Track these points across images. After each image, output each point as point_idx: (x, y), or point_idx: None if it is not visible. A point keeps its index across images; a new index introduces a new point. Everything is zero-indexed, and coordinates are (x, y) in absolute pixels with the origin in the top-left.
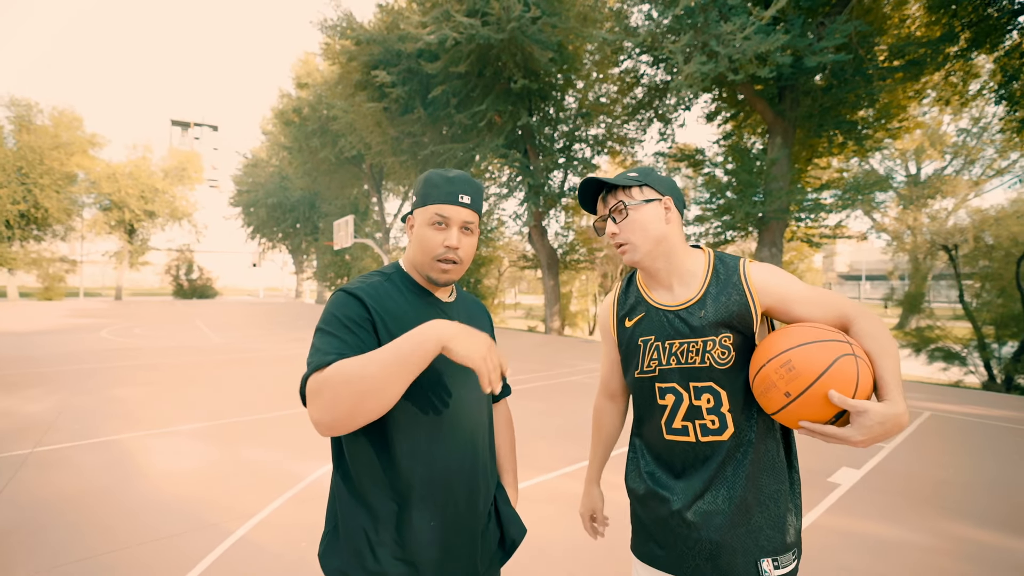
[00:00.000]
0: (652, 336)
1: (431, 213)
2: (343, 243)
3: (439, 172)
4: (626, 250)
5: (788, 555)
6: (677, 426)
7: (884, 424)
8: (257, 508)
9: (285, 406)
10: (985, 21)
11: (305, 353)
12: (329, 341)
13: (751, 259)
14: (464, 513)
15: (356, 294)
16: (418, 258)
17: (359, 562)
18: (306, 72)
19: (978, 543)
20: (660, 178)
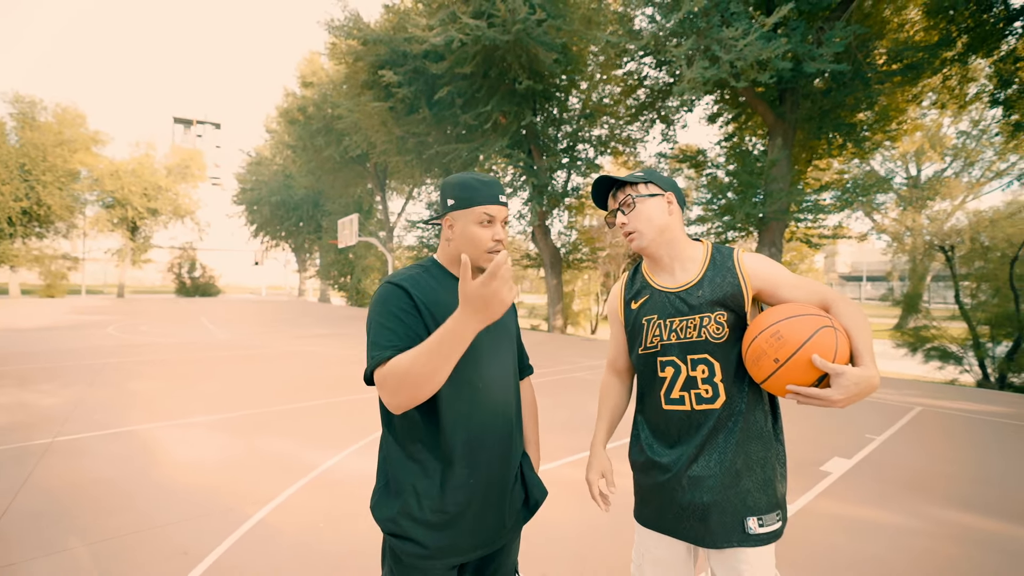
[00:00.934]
0: (655, 315)
1: (479, 213)
2: (347, 241)
3: (472, 176)
4: (634, 238)
5: (772, 515)
6: (675, 396)
7: (859, 384)
8: (273, 494)
9: (295, 399)
10: (981, 27)
11: (312, 350)
12: (385, 335)
13: (744, 249)
14: (497, 472)
15: (402, 285)
16: (469, 253)
17: (407, 511)
18: (311, 71)
19: (962, 526)
20: (662, 177)
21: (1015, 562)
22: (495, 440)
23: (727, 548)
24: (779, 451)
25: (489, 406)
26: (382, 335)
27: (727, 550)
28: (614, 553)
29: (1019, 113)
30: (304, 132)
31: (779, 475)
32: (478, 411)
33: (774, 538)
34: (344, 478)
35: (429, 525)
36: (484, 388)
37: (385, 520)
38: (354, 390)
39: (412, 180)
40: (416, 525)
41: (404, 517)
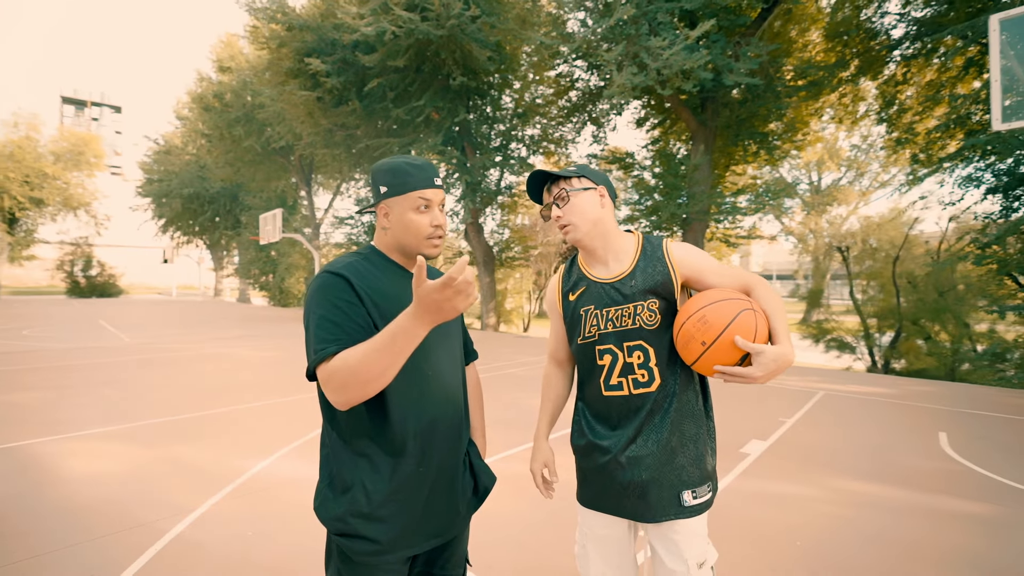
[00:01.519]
0: (592, 305)
1: (414, 199)
2: (270, 238)
3: (404, 160)
4: (569, 230)
5: (704, 487)
6: (613, 382)
7: (777, 361)
8: (192, 506)
9: (214, 404)
10: (869, 52)
11: (231, 352)
12: (328, 328)
13: (672, 239)
14: (447, 460)
15: (342, 274)
16: (408, 240)
17: (355, 508)
18: (229, 55)
19: (859, 492)
20: (595, 171)
21: (899, 518)
22: (445, 428)
23: (664, 521)
24: (709, 427)
25: (438, 393)
26: (325, 328)
27: (664, 523)
28: (557, 539)
29: (899, 130)
30: (221, 120)
31: (709, 450)
32: (427, 399)
33: (706, 508)
34: (274, 483)
35: (380, 520)
36: (433, 376)
37: (332, 520)
38: (281, 392)
39: (340, 175)
40: (366, 522)
41: (353, 515)
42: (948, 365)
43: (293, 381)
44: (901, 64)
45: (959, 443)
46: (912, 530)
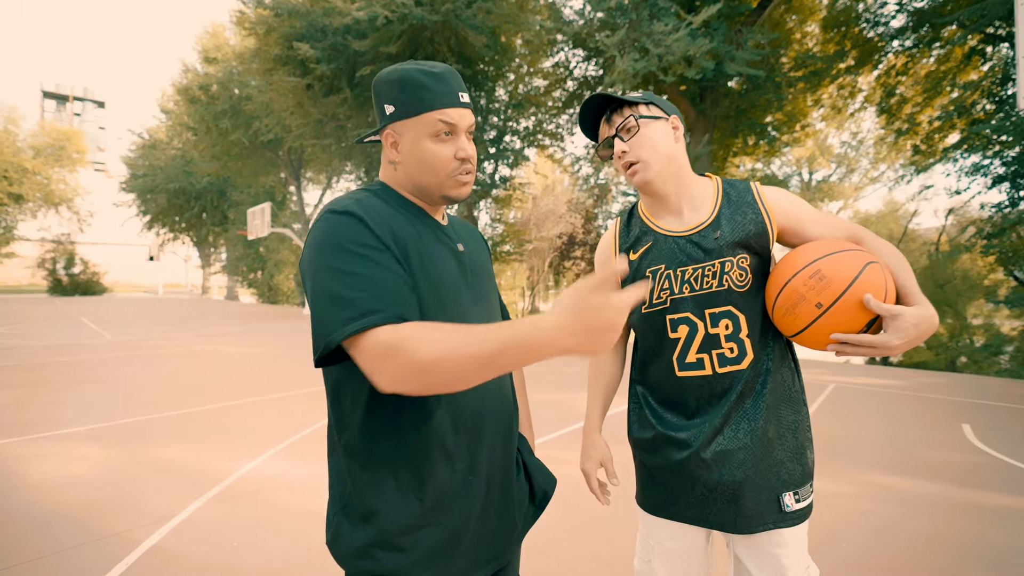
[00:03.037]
0: (662, 265)
1: (432, 122)
2: (258, 232)
3: (416, 67)
4: (637, 169)
5: (807, 487)
6: (691, 360)
7: (919, 326)
8: (173, 511)
9: (199, 402)
10: (868, 43)
11: (218, 349)
12: (347, 282)
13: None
14: (498, 461)
15: (352, 212)
16: (427, 179)
17: (384, 538)
18: (215, 46)
19: (875, 484)
20: (664, 101)
21: (936, 514)
22: (493, 421)
23: (761, 532)
24: (806, 414)
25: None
26: (355, 286)
27: (761, 534)
28: (602, 545)
29: (900, 120)
30: (207, 113)
31: (809, 441)
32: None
33: (808, 513)
34: (262, 486)
35: (419, 550)
36: None
37: (352, 557)
38: (270, 389)
39: (330, 168)
40: (400, 554)
41: (381, 547)
42: (948, 358)
43: (283, 378)
44: (902, 55)
45: (984, 434)
46: (955, 526)
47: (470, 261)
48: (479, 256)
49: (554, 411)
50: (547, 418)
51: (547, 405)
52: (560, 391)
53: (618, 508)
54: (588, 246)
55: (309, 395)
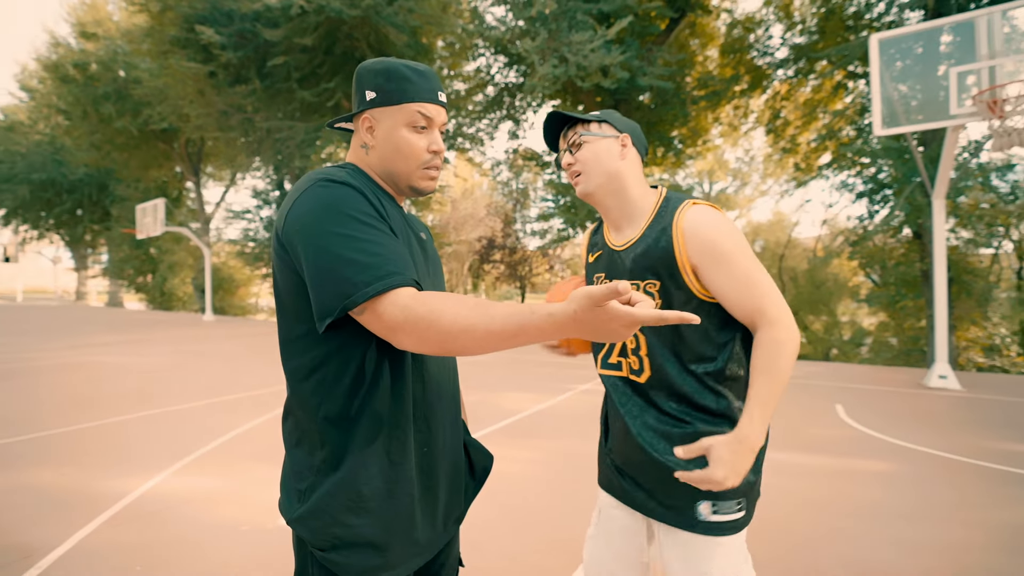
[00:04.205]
0: (603, 273)
1: (411, 113)
2: (149, 231)
3: (402, 63)
4: (579, 181)
5: (730, 503)
6: (612, 361)
7: (736, 452)
8: (57, 540)
9: (86, 418)
10: (758, 70)
11: (100, 360)
12: (360, 246)
13: (700, 202)
14: (450, 437)
15: (352, 184)
16: (398, 166)
17: (357, 502)
18: (94, 19)
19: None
20: (621, 118)
21: (796, 479)
22: (448, 402)
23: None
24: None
25: (440, 358)
26: (370, 251)
27: (681, 533)
28: (538, 536)
29: (783, 141)
30: (84, 95)
31: None
32: (431, 362)
33: (734, 529)
34: (167, 505)
35: (388, 517)
36: None
37: (321, 527)
38: (167, 401)
39: (234, 164)
40: (371, 519)
41: (357, 513)
42: (823, 350)
43: (182, 389)
44: (785, 82)
45: (854, 412)
46: (836, 490)
47: (430, 250)
48: (433, 248)
49: (476, 411)
50: (471, 418)
51: (470, 406)
52: (481, 391)
53: (549, 501)
54: (507, 249)
55: (212, 407)
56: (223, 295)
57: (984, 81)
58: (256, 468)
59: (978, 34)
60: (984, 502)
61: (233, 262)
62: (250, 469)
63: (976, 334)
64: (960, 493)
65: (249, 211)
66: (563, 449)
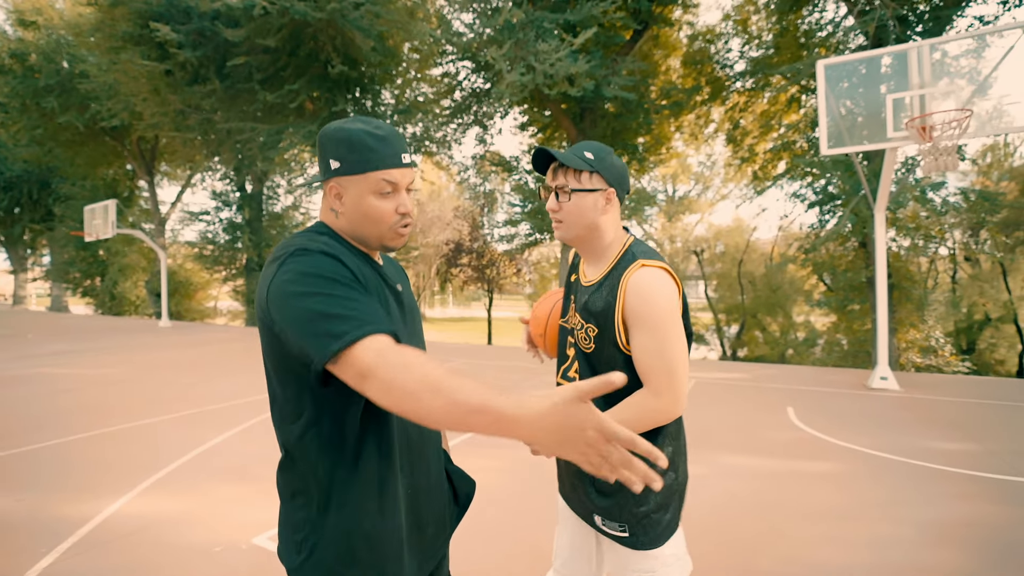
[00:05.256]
0: (573, 296)
1: (376, 180)
2: (100, 233)
3: (362, 128)
4: (559, 227)
5: (615, 523)
6: (571, 375)
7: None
8: (17, 572)
9: (37, 438)
10: (718, 81)
11: (49, 372)
12: (340, 303)
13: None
14: (434, 469)
15: (329, 252)
16: (368, 231)
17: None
18: (34, 7)
19: (737, 465)
20: (612, 166)
21: (747, 481)
22: (430, 438)
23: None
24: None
25: None
26: (354, 307)
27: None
28: (512, 544)
29: (742, 150)
30: (24, 88)
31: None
32: None
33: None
34: (134, 529)
35: (376, 567)
36: None
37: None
38: (129, 416)
39: (192, 163)
40: (362, 572)
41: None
42: (779, 351)
43: (141, 403)
44: (743, 94)
45: (803, 415)
46: (783, 492)
47: (406, 300)
48: (409, 294)
49: None
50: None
51: None
52: None
53: (515, 510)
54: (475, 253)
55: (174, 422)
56: (179, 299)
57: (916, 107)
58: (223, 486)
59: (910, 64)
60: (914, 499)
61: (190, 265)
62: (217, 487)
63: (915, 336)
64: (893, 492)
65: (208, 212)
66: (530, 458)
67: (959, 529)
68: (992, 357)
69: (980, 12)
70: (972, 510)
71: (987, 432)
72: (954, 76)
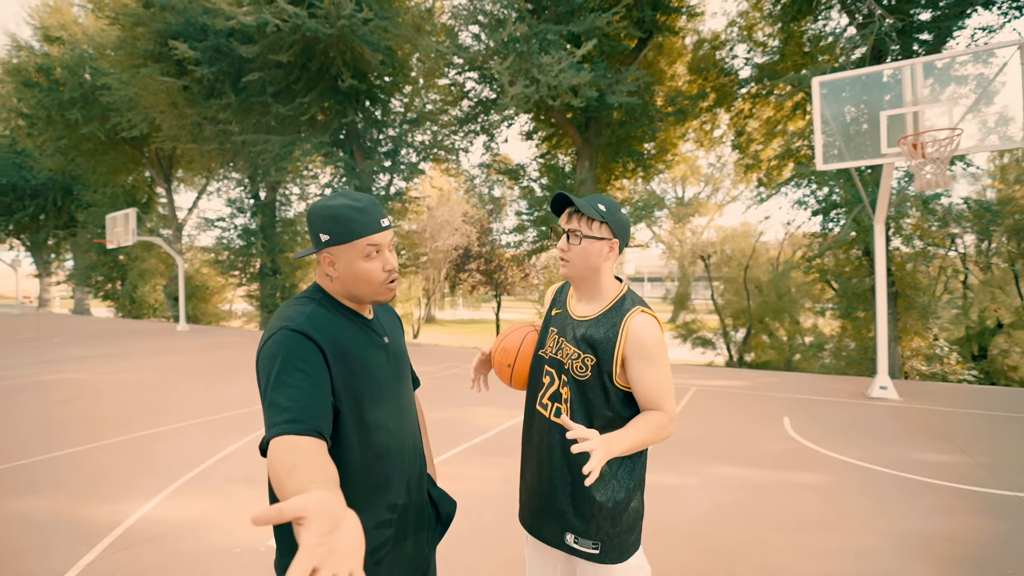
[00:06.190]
0: (555, 328)
1: (362, 246)
2: (121, 241)
3: (344, 203)
4: (565, 266)
5: (588, 541)
6: (544, 402)
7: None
8: (59, 569)
9: (68, 443)
10: (723, 88)
11: (74, 377)
12: (287, 394)
13: (648, 312)
14: (415, 497)
15: (308, 335)
16: (361, 290)
17: None
18: (58, 23)
19: (728, 477)
20: (619, 221)
21: (757, 494)
22: (413, 460)
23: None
24: (613, 494)
25: (406, 432)
26: (284, 395)
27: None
28: (502, 551)
29: (747, 156)
30: (49, 100)
31: (602, 513)
32: (404, 432)
33: (600, 560)
34: (163, 531)
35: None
36: (405, 409)
37: None
38: (153, 422)
39: (208, 171)
40: None
41: None
42: (786, 356)
43: (167, 407)
44: (747, 100)
45: (799, 425)
46: (770, 503)
47: (393, 349)
48: (397, 340)
49: (449, 428)
50: (443, 436)
51: (442, 423)
52: (453, 407)
53: (512, 519)
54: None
55: (197, 427)
56: (196, 303)
57: (910, 125)
58: (242, 491)
59: (904, 81)
60: (899, 511)
61: (206, 270)
62: (236, 492)
63: (919, 344)
64: (878, 504)
65: (223, 219)
66: None
67: (939, 543)
68: (1004, 363)
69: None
70: (954, 523)
71: (978, 444)
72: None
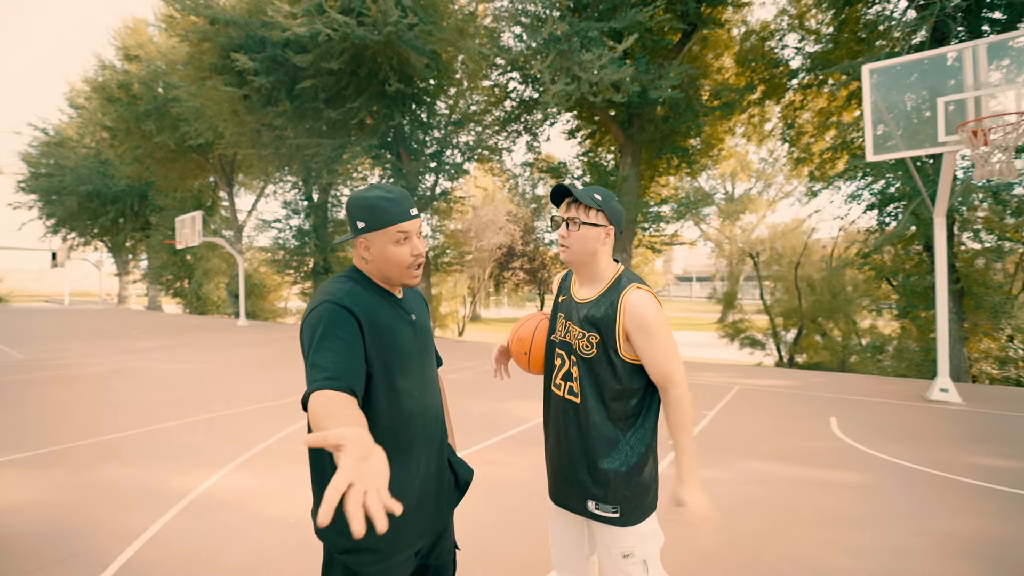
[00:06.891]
0: (563, 313)
1: (393, 233)
2: (188, 242)
3: (378, 195)
4: (565, 252)
5: (608, 506)
6: (557, 382)
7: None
8: (139, 528)
9: (143, 423)
10: (773, 79)
11: (150, 366)
12: (327, 356)
13: (642, 288)
14: (435, 457)
15: (347, 307)
16: (391, 272)
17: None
18: (136, 42)
19: (764, 472)
20: (614, 209)
21: (772, 488)
22: (435, 428)
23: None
24: (626, 460)
25: (432, 396)
26: (325, 357)
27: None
28: (530, 535)
29: (798, 150)
30: (128, 113)
31: (621, 478)
32: (427, 401)
33: (621, 523)
34: (228, 501)
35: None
36: (428, 379)
37: (337, 535)
38: (213, 407)
39: (266, 175)
40: (370, 535)
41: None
42: (840, 358)
43: (225, 395)
44: (799, 91)
45: (845, 425)
46: (804, 498)
47: (419, 325)
48: (423, 319)
49: (489, 419)
50: (483, 425)
51: (483, 415)
52: (494, 400)
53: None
54: (527, 257)
55: (257, 412)
56: (254, 300)
57: (971, 111)
58: (295, 469)
59: (964, 65)
60: (939, 512)
61: (264, 269)
62: (290, 469)
63: (990, 345)
64: (918, 504)
65: (279, 220)
66: None
67: (979, 545)
68: None
69: None
70: (999, 527)
71: None
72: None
